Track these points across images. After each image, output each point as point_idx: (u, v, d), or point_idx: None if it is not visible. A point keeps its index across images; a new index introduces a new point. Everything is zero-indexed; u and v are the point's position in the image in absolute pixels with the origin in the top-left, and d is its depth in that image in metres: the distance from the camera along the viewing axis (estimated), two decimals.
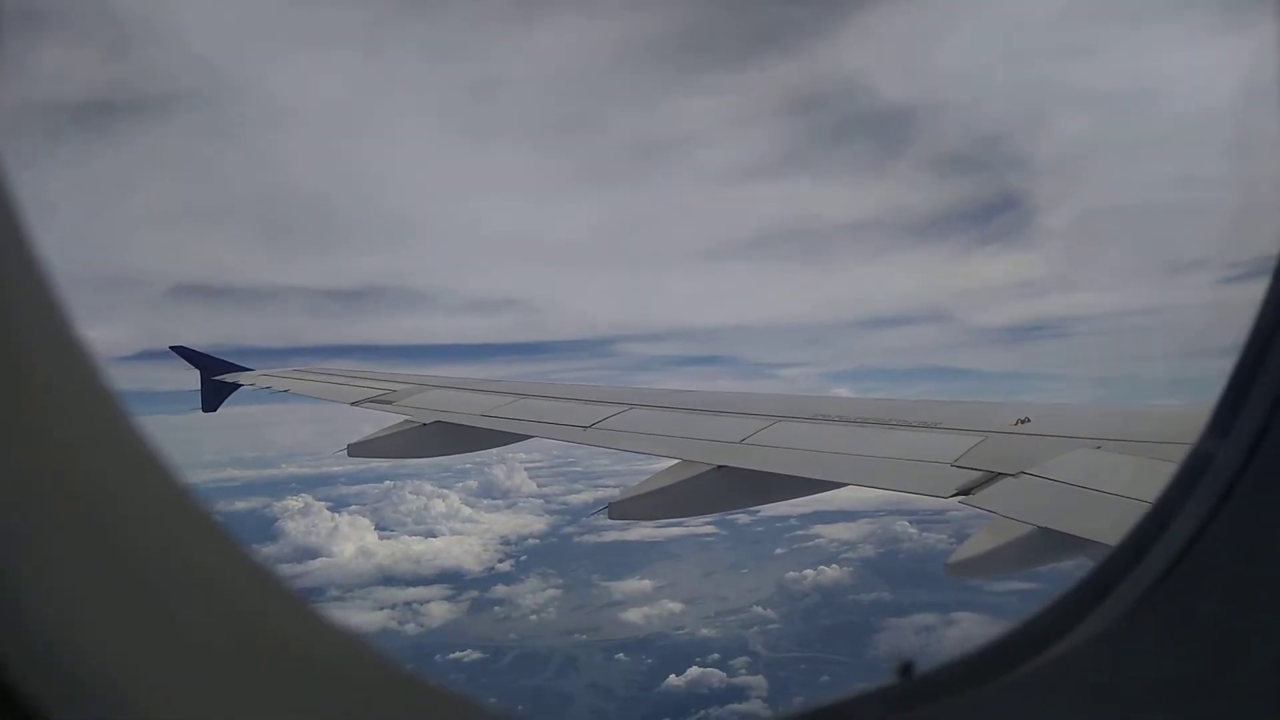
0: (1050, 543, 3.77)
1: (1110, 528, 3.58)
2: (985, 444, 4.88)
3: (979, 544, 3.91)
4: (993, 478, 4.41)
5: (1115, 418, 5.29)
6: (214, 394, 10.13)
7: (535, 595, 68.29)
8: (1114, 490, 3.88)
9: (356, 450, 7.09)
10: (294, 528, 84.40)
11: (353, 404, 7.94)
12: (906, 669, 1.15)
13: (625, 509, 5.61)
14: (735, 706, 45.99)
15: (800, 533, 76.72)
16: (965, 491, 4.38)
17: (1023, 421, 5.13)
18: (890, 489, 4.88)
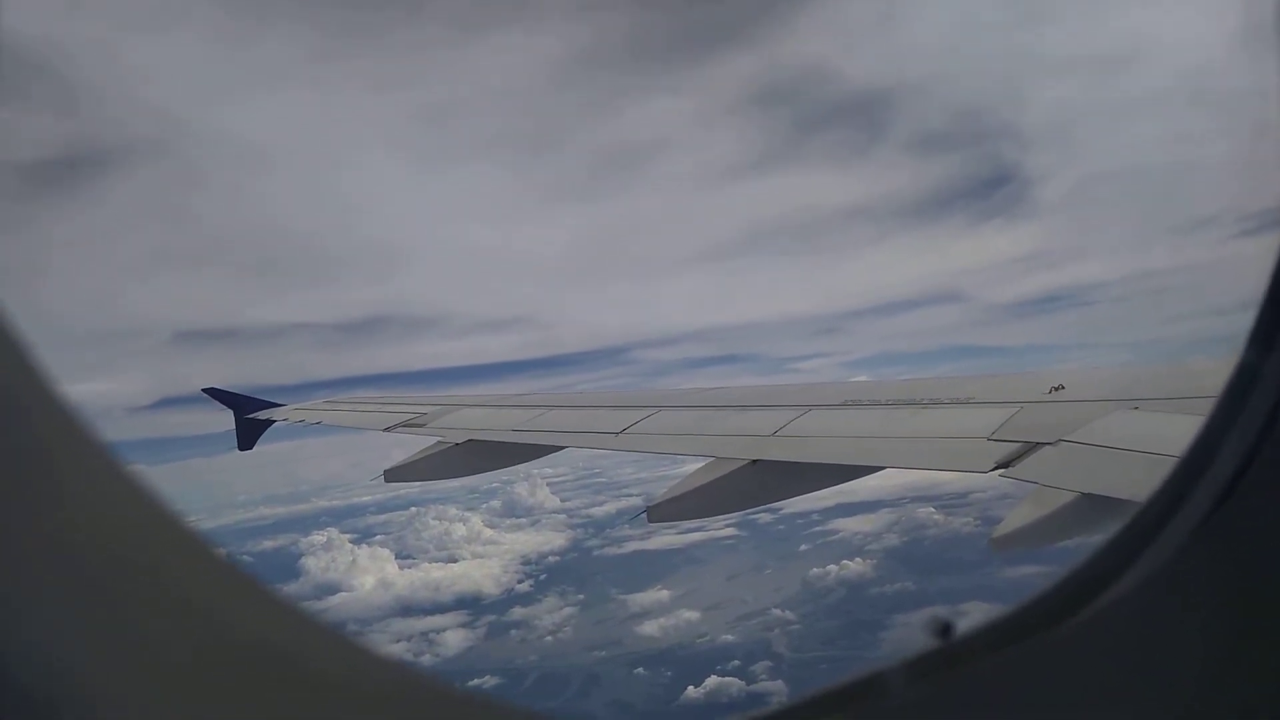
0: (1097, 508, 3.71)
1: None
2: (1021, 415, 4.82)
3: (1023, 515, 3.86)
4: (1032, 448, 4.36)
5: (1150, 377, 5.21)
6: (249, 432, 10.28)
7: (553, 615, 68.19)
8: (1157, 450, 3.82)
9: (393, 475, 7.14)
10: (316, 564, 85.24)
11: (385, 429, 8.01)
12: (945, 630, 1.13)
13: (663, 511, 5.61)
14: (755, 715, 45.76)
15: (823, 528, 76.19)
16: (1005, 465, 4.33)
17: (1056, 389, 5.07)
18: (928, 469, 4.83)
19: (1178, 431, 3.91)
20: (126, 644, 0.83)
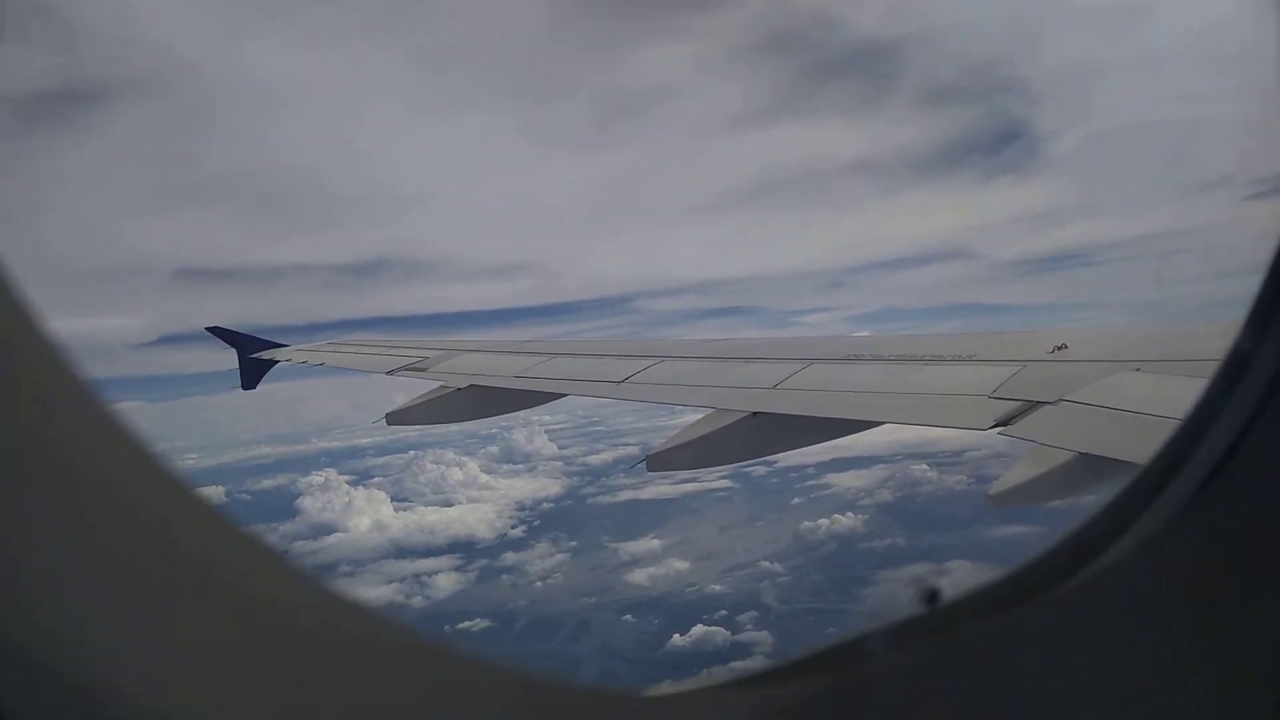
0: (1093, 468, 3.75)
1: (1153, 450, 3.55)
2: (1023, 373, 4.84)
3: (1021, 473, 3.91)
4: (1032, 407, 4.38)
5: (1154, 339, 5.21)
6: (252, 372, 10.34)
7: (545, 560, 69.01)
8: (1157, 412, 3.84)
9: (395, 419, 7.19)
10: (312, 504, 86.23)
11: (388, 373, 8.04)
12: (932, 596, 1.14)
13: (663, 461, 5.66)
14: (739, 664, 46.46)
15: (816, 482, 76.78)
16: (1004, 422, 4.36)
17: (1060, 349, 5.07)
18: (928, 425, 4.87)
19: (1178, 394, 3.93)
20: (152, 624, 0.84)
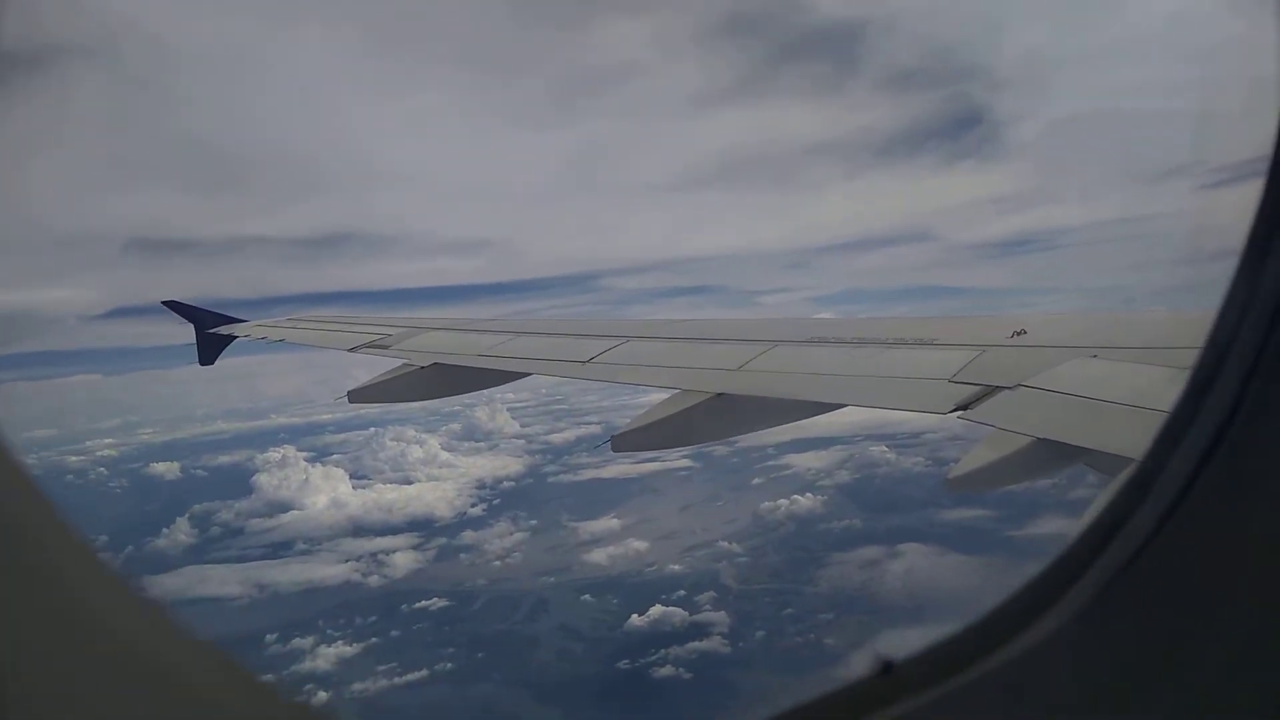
0: (1051, 453, 3.82)
1: (1109, 435, 3.62)
2: (982, 358, 4.90)
3: (979, 457, 3.96)
4: (991, 391, 4.44)
5: (1110, 325, 5.30)
6: (210, 347, 10.12)
7: (504, 540, 69.15)
8: (1112, 398, 3.92)
9: (356, 396, 7.10)
10: (269, 481, 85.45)
11: (350, 350, 7.92)
12: (887, 667, 1.14)
13: (627, 441, 5.65)
14: (696, 645, 46.94)
15: (776, 462, 77.60)
16: (964, 406, 4.41)
17: (1019, 334, 5.14)
18: (888, 408, 4.91)
19: (1135, 381, 4.01)
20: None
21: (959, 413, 4.41)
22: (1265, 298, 1.13)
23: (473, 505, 79.84)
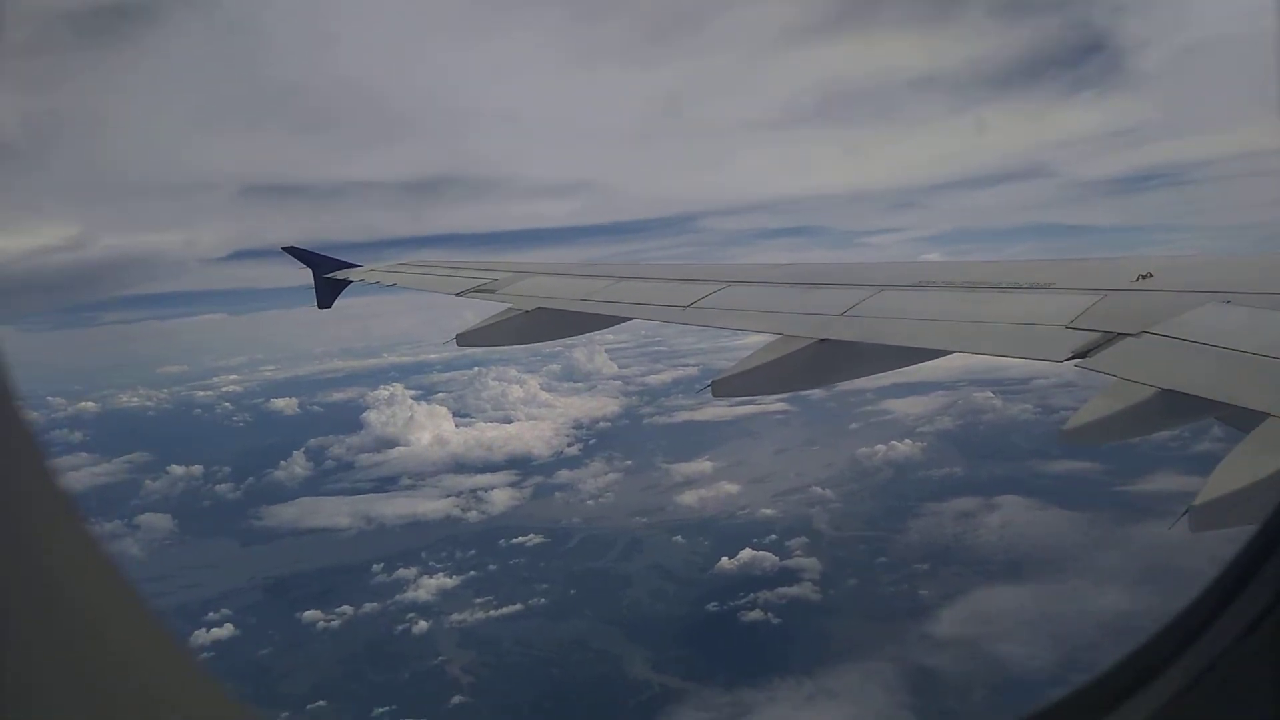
0: (1176, 406, 3.65)
1: (1242, 388, 3.44)
2: (1103, 303, 4.69)
3: (1098, 408, 3.81)
4: (1112, 338, 4.26)
5: (1247, 268, 4.97)
6: (327, 291, 10.66)
7: (598, 479, 70.47)
8: (1246, 348, 3.71)
9: (464, 340, 7.35)
10: (377, 418, 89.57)
11: (457, 294, 8.19)
12: None
13: (728, 386, 5.68)
14: (786, 590, 46.78)
15: (875, 407, 76.01)
16: (1082, 354, 4.25)
17: (1144, 277, 4.89)
18: (1000, 355, 4.78)
19: (1272, 330, 3.78)
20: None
21: (1076, 360, 4.25)
22: None
23: (569, 445, 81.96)
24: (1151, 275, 4.89)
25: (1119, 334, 4.28)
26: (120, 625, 0.94)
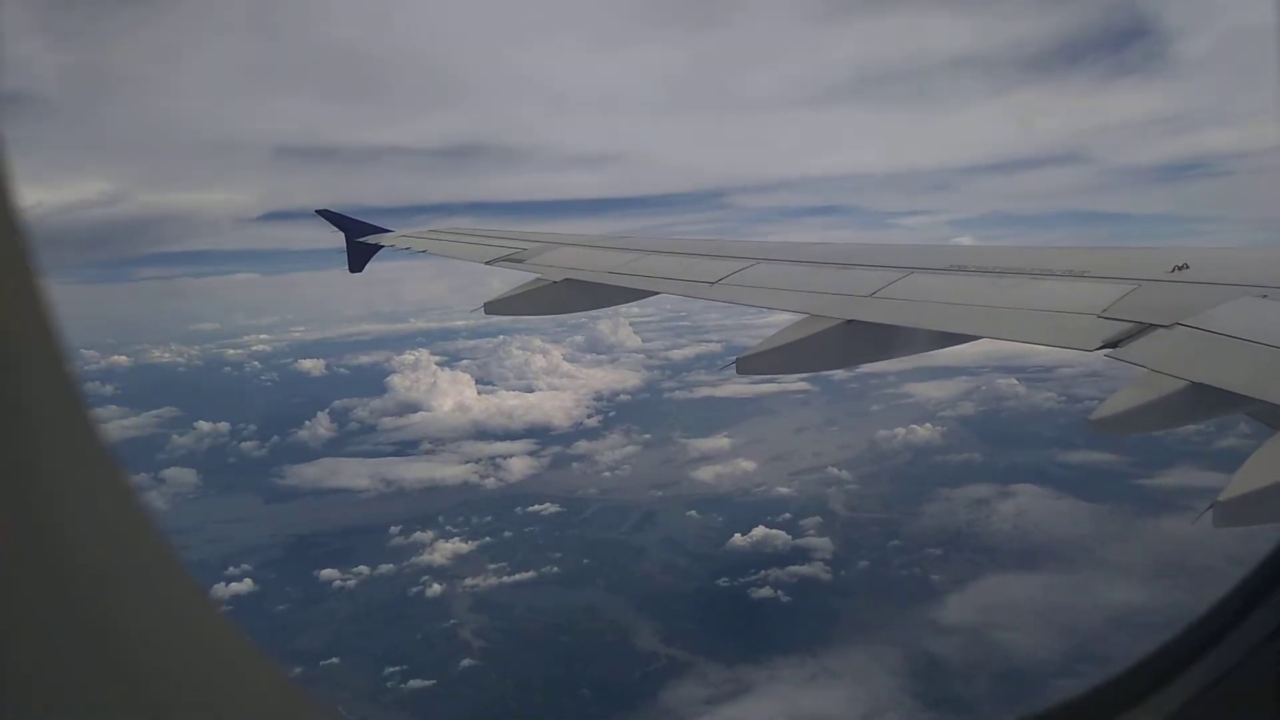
0: (1206, 400, 3.64)
1: (1275, 384, 3.42)
2: (1137, 293, 4.65)
3: (1128, 399, 3.81)
4: (1144, 329, 4.23)
5: None
6: (358, 255, 10.77)
7: (616, 451, 70.69)
8: None
9: (492, 309, 7.41)
10: (401, 382, 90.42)
11: (487, 263, 8.25)
12: None
13: (753, 364, 5.69)
14: (797, 569, 46.80)
15: (897, 390, 75.46)
16: (1113, 344, 4.23)
17: (1180, 268, 4.84)
18: (1029, 342, 4.76)
19: None
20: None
21: (1106, 351, 4.23)
22: None
23: (589, 416, 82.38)
24: (1187, 267, 4.84)
25: (1151, 325, 4.25)
26: (153, 573, 0.96)
